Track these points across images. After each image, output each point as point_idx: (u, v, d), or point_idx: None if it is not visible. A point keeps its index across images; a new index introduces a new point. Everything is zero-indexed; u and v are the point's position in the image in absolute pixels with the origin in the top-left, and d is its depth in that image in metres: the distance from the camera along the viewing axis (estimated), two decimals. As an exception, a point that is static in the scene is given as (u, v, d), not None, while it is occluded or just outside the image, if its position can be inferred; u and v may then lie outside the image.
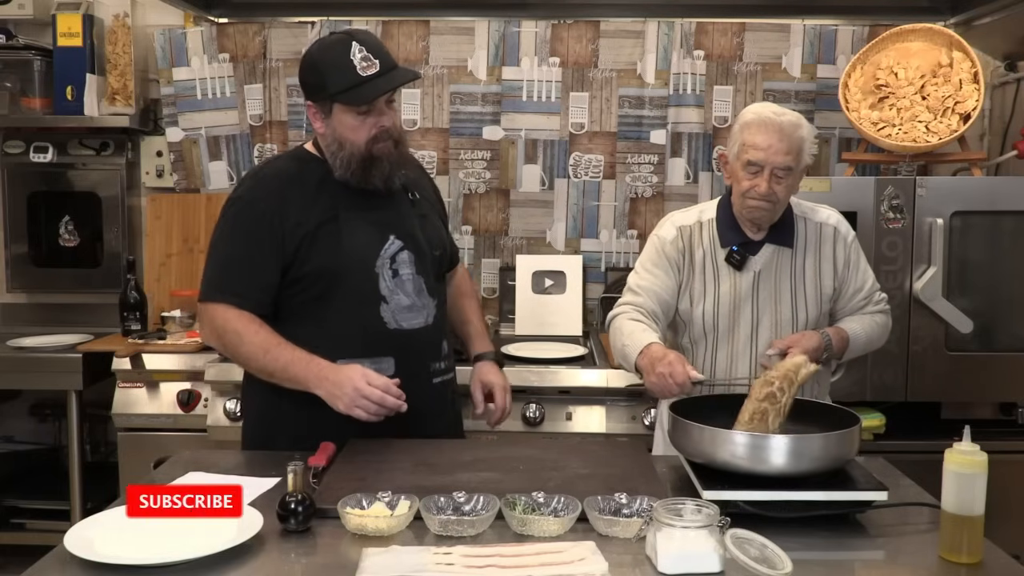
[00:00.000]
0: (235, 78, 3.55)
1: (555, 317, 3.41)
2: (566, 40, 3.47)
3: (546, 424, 2.85)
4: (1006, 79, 3.43)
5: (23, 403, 3.73)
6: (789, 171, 2.01)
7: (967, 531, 1.45)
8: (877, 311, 2.19)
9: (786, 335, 2.09)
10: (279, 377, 1.92)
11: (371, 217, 2.00)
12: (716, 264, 2.14)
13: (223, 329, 1.94)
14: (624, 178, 3.48)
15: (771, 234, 2.12)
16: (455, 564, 1.37)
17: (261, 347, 1.92)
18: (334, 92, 1.91)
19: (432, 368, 2.07)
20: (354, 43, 1.91)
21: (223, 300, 1.95)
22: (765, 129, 2.00)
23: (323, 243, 1.94)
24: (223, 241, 1.98)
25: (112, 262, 3.64)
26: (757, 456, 1.59)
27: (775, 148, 1.98)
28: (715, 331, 2.14)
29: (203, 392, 3.02)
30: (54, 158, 3.60)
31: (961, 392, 2.86)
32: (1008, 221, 2.80)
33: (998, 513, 1.64)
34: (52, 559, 1.44)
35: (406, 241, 2.02)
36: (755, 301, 2.12)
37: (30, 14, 3.47)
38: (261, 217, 1.94)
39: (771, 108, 2.06)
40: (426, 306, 2.04)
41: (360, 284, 1.97)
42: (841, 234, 2.15)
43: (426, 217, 2.12)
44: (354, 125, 1.94)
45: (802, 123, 2.04)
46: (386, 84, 1.93)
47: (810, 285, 2.13)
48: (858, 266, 2.17)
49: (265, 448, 2.01)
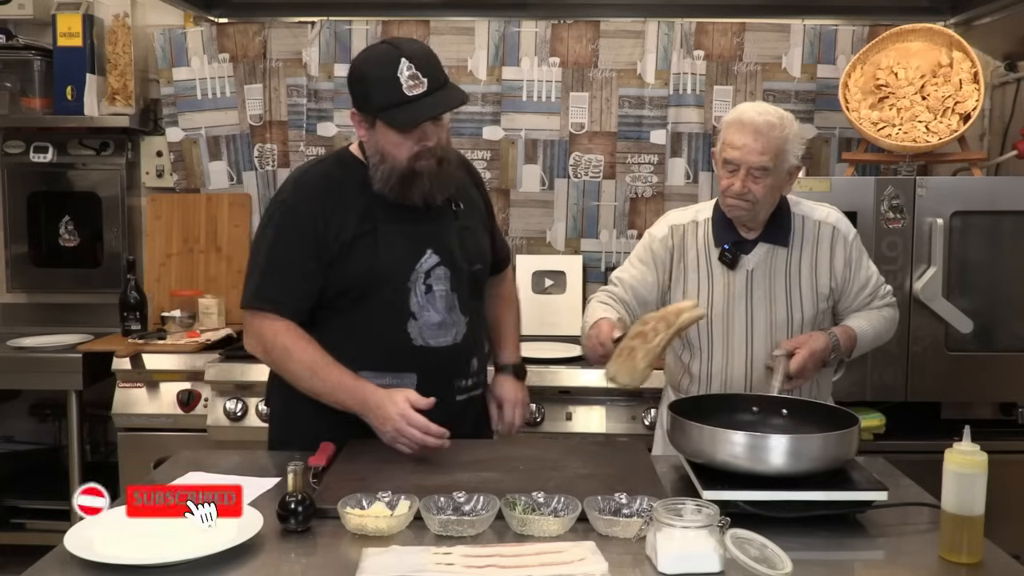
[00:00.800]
0: (235, 78, 3.55)
1: (555, 317, 3.41)
2: (566, 40, 3.47)
3: (546, 424, 2.85)
4: (1006, 79, 3.43)
5: (23, 403, 3.72)
6: (766, 171, 1.99)
7: (967, 531, 1.45)
8: (884, 305, 2.18)
9: (782, 334, 2.09)
10: (325, 399, 1.90)
11: (410, 230, 1.95)
12: (710, 263, 2.13)
13: (272, 343, 1.92)
14: (624, 178, 3.48)
15: (765, 233, 2.11)
16: (455, 564, 1.37)
17: (309, 367, 1.89)
18: (377, 109, 1.86)
19: (457, 385, 2.02)
20: (403, 59, 1.82)
21: (264, 307, 1.92)
22: (742, 128, 2.00)
23: (359, 254, 1.91)
24: (266, 246, 1.95)
25: (112, 262, 3.64)
26: (756, 456, 1.59)
27: (750, 147, 1.98)
28: (710, 330, 2.13)
29: (203, 392, 3.02)
30: (54, 158, 3.60)
31: (961, 392, 2.86)
32: (1008, 221, 2.80)
33: (998, 513, 1.64)
34: (52, 559, 1.44)
35: (443, 256, 1.97)
36: (749, 300, 2.11)
37: (30, 14, 3.47)
38: (305, 223, 1.91)
39: (755, 107, 2.05)
40: (456, 323, 1.99)
41: (390, 298, 1.93)
42: (841, 232, 2.13)
43: (468, 229, 2.05)
44: (397, 142, 1.88)
45: (785, 123, 2.02)
46: (430, 110, 1.85)
47: (806, 284, 2.11)
48: (860, 263, 2.15)
49: (285, 448, 1.99)
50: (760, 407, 1.87)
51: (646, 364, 1.71)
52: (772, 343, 2.08)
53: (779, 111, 2.05)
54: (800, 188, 2.73)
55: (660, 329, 1.74)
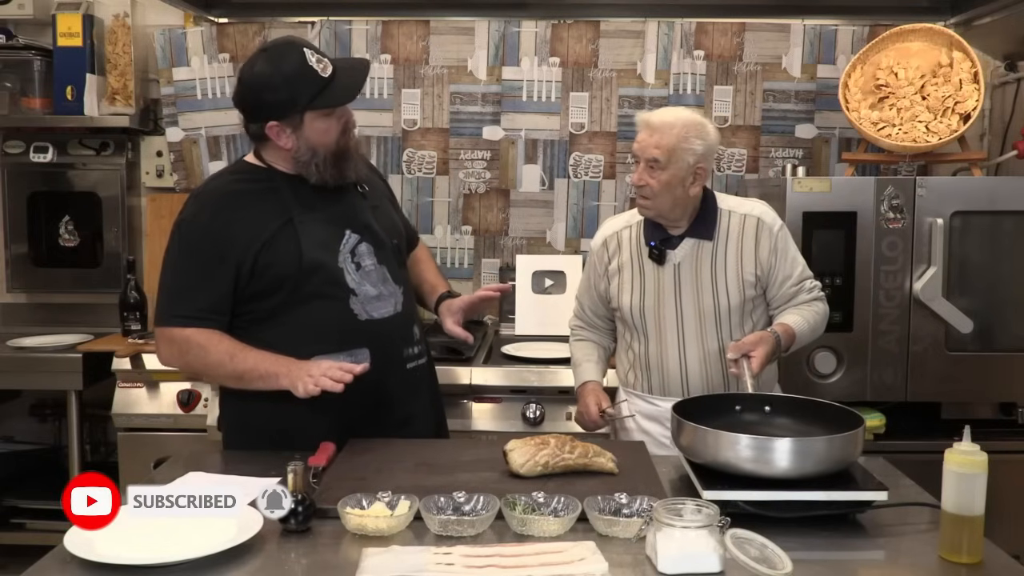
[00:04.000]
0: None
1: (555, 317, 3.40)
2: (566, 40, 3.47)
3: (546, 424, 2.85)
4: (1006, 79, 3.43)
5: (23, 403, 3.72)
6: (658, 163, 2.12)
7: (967, 531, 1.45)
8: (812, 299, 2.24)
9: (710, 322, 2.19)
10: (249, 378, 1.93)
11: (324, 215, 2.01)
12: (642, 261, 2.26)
13: (186, 346, 1.95)
14: (624, 178, 3.48)
15: (691, 229, 2.22)
16: (455, 564, 1.37)
17: (227, 353, 1.93)
18: (307, 101, 1.92)
19: (405, 354, 2.09)
20: (305, 50, 1.92)
21: (180, 324, 1.95)
22: (644, 126, 2.18)
23: (282, 248, 1.95)
24: (172, 266, 1.99)
25: (112, 262, 3.64)
26: (762, 458, 1.59)
27: (645, 142, 2.15)
28: (643, 322, 2.24)
29: (203, 392, 3.02)
30: (54, 158, 3.60)
31: (961, 392, 2.86)
32: (1008, 221, 2.80)
33: (998, 513, 1.64)
34: (52, 559, 1.44)
35: (363, 233, 2.04)
36: (678, 292, 2.21)
37: (30, 14, 3.47)
38: (205, 236, 1.95)
39: (663, 110, 2.21)
40: (393, 294, 2.06)
41: (327, 280, 1.98)
42: (766, 224, 2.22)
43: (378, 207, 2.14)
44: (325, 128, 1.96)
45: (686, 126, 2.13)
46: (353, 81, 1.98)
47: (732, 273, 2.20)
48: (786, 253, 2.23)
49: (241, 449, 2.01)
50: (742, 406, 1.89)
51: (541, 468, 1.74)
52: (702, 331, 2.19)
53: (684, 114, 2.18)
54: (800, 188, 2.75)
55: (577, 454, 1.77)
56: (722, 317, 2.19)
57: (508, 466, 1.75)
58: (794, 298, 2.22)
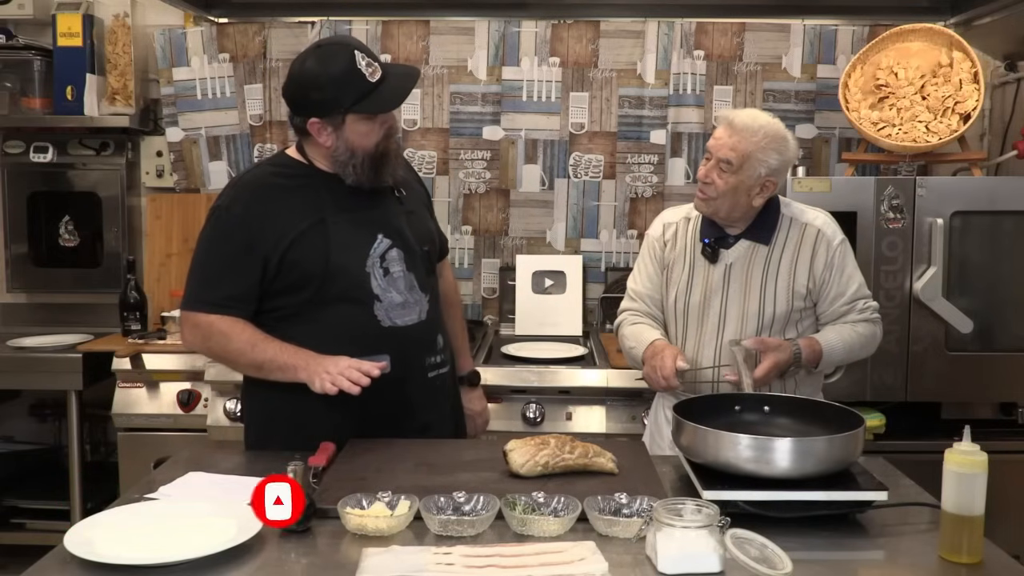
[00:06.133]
0: (235, 78, 3.55)
1: (555, 317, 3.41)
2: (566, 40, 3.47)
3: (546, 424, 2.85)
4: (1006, 79, 3.43)
5: (23, 403, 3.73)
6: (730, 165, 2.08)
7: (967, 531, 1.45)
8: (861, 320, 2.17)
9: (752, 327, 2.14)
10: (268, 368, 1.94)
11: (358, 217, 2.01)
12: (694, 257, 2.22)
13: (208, 332, 1.96)
14: (624, 178, 3.49)
15: (748, 230, 2.18)
16: (455, 564, 1.37)
17: (249, 342, 1.94)
18: (350, 104, 1.91)
19: (427, 362, 2.08)
20: (356, 52, 1.90)
21: (203, 309, 1.97)
22: (722, 122, 2.14)
23: (311, 246, 1.95)
24: (203, 252, 2.00)
25: (112, 262, 3.64)
26: (762, 458, 1.58)
27: (722, 139, 2.10)
28: (685, 318, 2.22)
29: (203, 392, 3.02)
30: (54, 158, 3.61)
31: (961, 392, 2.86)
32: (1008, 221, 2.80)
33: (998, 513, 1.64)
34: (52, 559, 1.44)
35: (394, 239, 2.03)
36: (725, 293, 2.18)
37: (30, 14, 3.47)
38: (240, 225, 1.95)
39: (748, 112, 2.15)
40: (418, 302, 2.05)
41: (352, 284, 1.98)
42: (826, 236, 2.17)
43: (413, 213, 2.13)
44: (367, 131, 1.95)
45: (766, 133, 2.08)
46: (401, 88, 1.97)
47: (783, 281, 2.15)
48: (842, 270, 2.16)
49: (264, 448, 2.01)
50: (742, 406, 1.88)
51: (541, 468, 1.73)
52: (741, 335, 2.13)
53: (769, 123, 2.11)
54: (800, 188, 2.74)
55: (577, 454, 1.77)
56: (764, 323, 2.14)
57: (508, 466, 1.75)
58: (844, 316, 2.16)
